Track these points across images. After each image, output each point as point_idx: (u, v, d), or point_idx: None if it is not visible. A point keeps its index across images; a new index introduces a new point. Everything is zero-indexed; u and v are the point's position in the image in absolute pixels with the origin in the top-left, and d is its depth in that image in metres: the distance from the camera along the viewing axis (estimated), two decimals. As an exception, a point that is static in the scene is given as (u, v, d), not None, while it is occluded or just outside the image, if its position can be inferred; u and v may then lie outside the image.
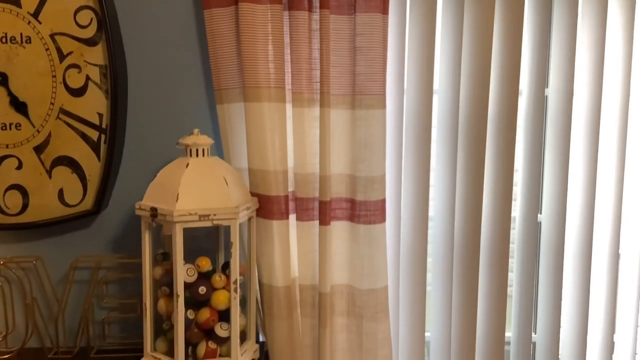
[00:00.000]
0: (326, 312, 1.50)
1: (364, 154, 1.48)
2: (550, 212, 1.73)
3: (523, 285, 1.76)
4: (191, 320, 1.39)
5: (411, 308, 1.66)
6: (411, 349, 1.68)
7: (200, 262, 1.40)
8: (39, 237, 1.57)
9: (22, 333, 1.54)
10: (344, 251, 1.55)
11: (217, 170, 1.38)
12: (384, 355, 1.55)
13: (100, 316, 1.58)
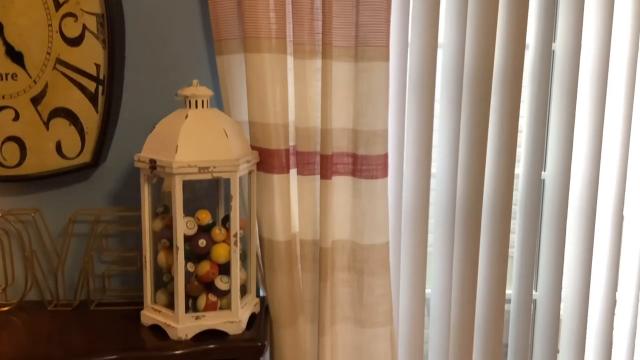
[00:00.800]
0: (327, 267, 1.50)
1: (366, 107, 1.46)
2: (554, 170, 1.71)
3: (525, 243, 1.75)
4: (191, 273, 1.39)
5: (412, 264, 1.65)
6: (411, 305, 1.68)
7: (200, 215, 1.39)
8: (38, 190, 1.55)
9: (22, 286, 1.54)
10: (345, 206, 1.53)
11: (216, 122, 1.36)
12: (384, 310, 1.55)
13: (100, 269, 1.57)
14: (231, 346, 1.37)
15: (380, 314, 1.55)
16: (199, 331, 1.37)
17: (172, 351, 1.33)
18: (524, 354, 1.84)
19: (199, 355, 1.35)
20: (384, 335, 1.57)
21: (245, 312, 1.43)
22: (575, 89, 1.64)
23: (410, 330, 1.69)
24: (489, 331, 1.77)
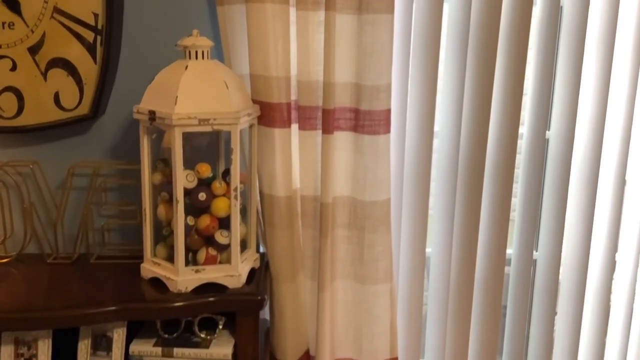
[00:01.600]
0: (327, 223, 1.49)
1: (369, 61, 1.43)
2: (558, 130, 1.69)
3: (527, 203, 1.74)
4: (191, 226, 1.38)
5: (413, 222, 1.64)
6: (411, 264, 1.68)
7: (200, 168, 1.37)
8: (36, 142, 1.54)
9: (21, 238, 1.54)
10: (346, 162, 1.52)
11: (217, 73, 1.33)
12: (384, 267, 1.55)
13: (100, 223, 1.57)
14: (231, 299, 1.36)
15: (380, 270, 1.54)
16: (199, 284, 1.37)
17: (172, 303, 1.32)
18: (523, 316, 1.84)
19: (198, 308, 1.35)
20: (384, 292, 1.57)
21: (245, 266, 1.43)
22: (583, 48, 1.61)
23: (410, 288, 1.69)
24: (488, 293, 1.78)
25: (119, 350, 1.33)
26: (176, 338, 1.40)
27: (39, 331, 1.30)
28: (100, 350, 1.34)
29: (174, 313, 1.34)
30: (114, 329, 1.33)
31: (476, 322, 1.83)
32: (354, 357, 1.61)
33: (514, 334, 1.85)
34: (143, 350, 1.37)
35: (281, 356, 1.57)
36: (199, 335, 1.41)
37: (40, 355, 1.30)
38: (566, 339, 1.85)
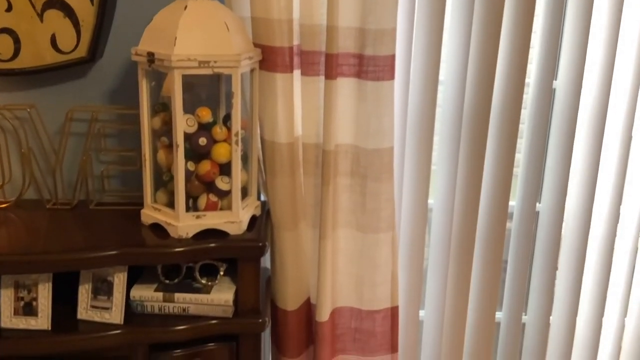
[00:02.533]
0: (329, 171, 1.47)
1: (374, 4, 1.39)
2: (566, 79, 1.66)
3: (532, 154, 1.72)
4: (191, 172, 1.36)
5: (416, 171, 1.62)
6: (414, 214, 1.67)
7: (201, 112, 1.35)
8: (33, 85, 1.51)
9: (19, 184, 1.52)
10: (350, 109, 1.49)
11: (217, 14, 1.29)
12: (386, 216, 1.54)
13: (99, 170, 1.55)
14: (231, 246, 1.36)
15: (382, 219, 1.53)
16: (200, 230, 1.36)
17: (173, 248, 1.32)
18: (524, 270, 1.84)
19: (199, 254, 1.34)
20: (385, 241, 1.56)
21: (246, 213, 1.41)
22: None
23: (412, 238, 1.68)
24: (490, 246, 1.77)
25: (120, 295, 1.33)
26: (177, 284, 1.40)
27: (39, 275, 1.29)
28: (101, 295, 1.34)
29: (174, 258, 1.33)
30: (115, 273, 1.32)
31: (477, 275, 1.82)
32: (355, 305, 1.61)
33: (514, 288, 1.85)
34: (144, 295, 1.37)
35: (282, 304, 1.57)
36: (200, 282, 1.40)
37: (41, 298, 1.30)
38: (567, 294, 1.85)
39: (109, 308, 1.34)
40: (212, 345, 1.39)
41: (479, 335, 1.86)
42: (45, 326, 1.30)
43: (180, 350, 1.37)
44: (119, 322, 1.33)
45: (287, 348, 1.61)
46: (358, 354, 1.64)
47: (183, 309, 1.38)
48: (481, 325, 1.85)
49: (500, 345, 1.90)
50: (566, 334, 1.85)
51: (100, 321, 1.34)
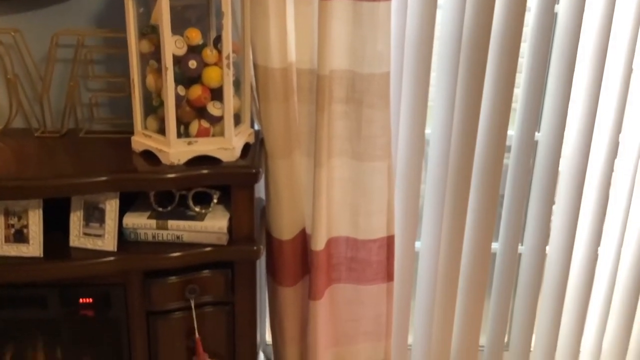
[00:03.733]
0: (324, 97, 1.43)
1: None
2: (568, 3, 1.60)
3: (531, 83, 1.68)
4: (182, 97, 1.32)
5: (413, 99, 1.59)
6: (410, 142, 1.64)
7: (190, 34, 1.30)
8: (16, 10, 1.45)
9: (6, 111, 1.48)
10: (344, 33, 1.43)
11: None
12: (382, 144, 1.51)
13: (87, 97, 1.51)
14: (225, 172, 1.33)
15: (378, 147, 1.50)
16: (192, 156, 1.33)
17: (165, 175, 1.29)
18: (520, 204, 1.82)
19: (192, 181, 1.32)
20: (381, 169, 1.53)
21: (239, 140, 1.38)
22: None
23: (408, 167, 1.66)
24: (487, 176, 1.75)
25: (112, 222, 1.31)
26: (170, 211, 1.38)
27: (29, 201, 1.27)
28: (93, 222, 1.32)
29: (167, 185, 1.31)
30: (106, 200, 1.30)
31: (473, 206, 1.81)
32: (351, 235, 1.60)
33: (511, 219, 1.84)
34: (137, 222, 1.35)
35: (277, 234, 1.56)
36: (194, 209, 1.38)
37: (32, 225, 1.28)
38: (564, 226, 1.84)
39: (101, 235, 1.32)
40: (207, 272, 1.39)
41: (475, 266, 1.86)
42: (37, 253, 1.29)
43: (175, 277, 1.37)
44: (112, 249, 1.32)
45: (282, 277, 1.61)
46: (354, 283, 1.64)
47: (177, 236, 1.36)
48: (477, 256, 1.85)
49: (496, 276, 1.91)
50: (562, 265, 1.86)
51: (92, 248, 1.32)
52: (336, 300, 1.64)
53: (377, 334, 1.70)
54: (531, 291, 1.88)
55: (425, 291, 1.86)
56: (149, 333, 1.41)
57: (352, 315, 1.66)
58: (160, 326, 1.40)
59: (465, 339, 1.95)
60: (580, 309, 1.91)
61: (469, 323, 1.92)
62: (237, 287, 1.42)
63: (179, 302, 1.39)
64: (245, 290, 1.43)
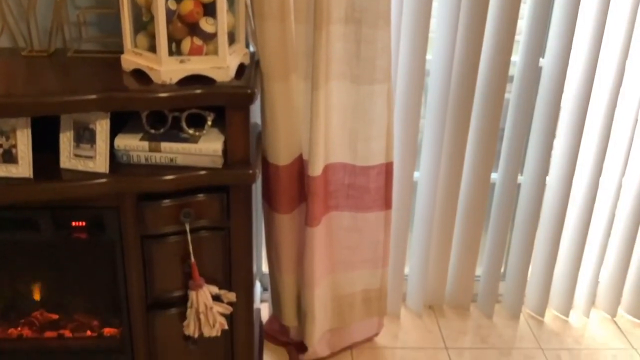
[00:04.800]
0: (322, 16, 1.37)
1: None
2: None
3: (536, 10, 1.62)
4: (173, 12, 1.26)
5: (414, 19, 1.53)
6: (411, 65, 1.59)
7: (180, -57, 1.23)
8: None
9: (-8, 30, 1.42)
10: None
11: None
12: (382, 66, 1.46)
13: (75, 15, 1.44)
14: (219, 92, 1.29)
15: (377, 69, 1.46)
16: (184, 75, 1.28)
17: (156, 94, 1.25)
18: (521, 136, 1.79)
19: (184, 100, 1.28)
20: (381, 93, 1.49)
21: (233, 60, 1.33)
22: None
23: (408, 92, 1.62)
24: (488, 108, 1.71)
25: (104, 143, 1.27)
26: (163, 134, 1.34)
27: (17, 120, 1.23)
28: (84, 143, 1.28)
29: (158, 104, 1.27)
30: (97, 120, 1.26)
31: (473, 138, 1.78)
32: (349, 161, 1.57)
33: (511, 149, 1.81)
34: (129, 144, 1.31)
35: (274, 159, 1.53)
36: (187, 132, 1.34)
37: (20, 145, 1.24)
38: (565, 155, 1.81)
39: (92, 157, 1.29)
40: (202, 196, 1.36)
41: (473, 196, 1.84)
42: (27, 174, 1.26)
43: (169, 200, 1.34)
44: (104, 171, 1.29)
45: (279, 204, 1.58)
46: (351, 210, 1.62)
47: (170, 159, 1.33)
48: (476, 186, 1.83)
49: (494, 206, 1.89)
50: (562, 195, 1.84)
51: (84, 170, 1.29)
52: (333, 227, 1.63)
53: (374, 262, 1.70)
54: (529, 221, 1.87)
55: (423, 221, 1.85)
56: (144, 257, 1.39)
57: (349, 242, 1.65)
58: (155, 250, 1.38)
59: (461, 269, 1.95)
60: (579, 240, 1.90)
61: (466, 253, 1.92)
62: (233, 212, 1.40)
63: (173, 226, 1.36)
64: (241, 216, 1.41)
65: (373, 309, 1.77)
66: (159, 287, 1.42)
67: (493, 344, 1.86)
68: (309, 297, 1.63)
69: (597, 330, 1.95)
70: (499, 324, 1.95)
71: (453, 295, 2.00)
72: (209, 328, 1.44)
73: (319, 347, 1.71)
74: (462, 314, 1.98)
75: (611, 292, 1.99)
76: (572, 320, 1.98)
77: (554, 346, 1.86)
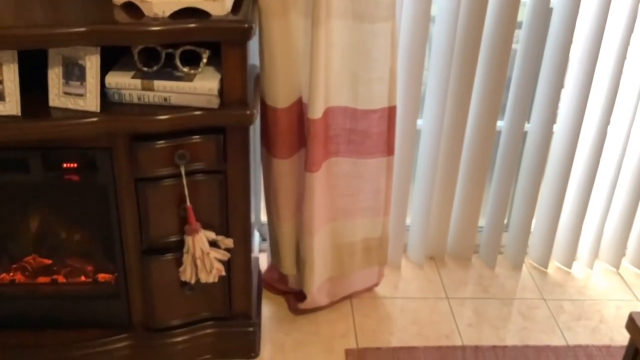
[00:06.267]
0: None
1: None
2: None
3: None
4: (165, -60, 1.19)
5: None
6: (415, 6, 1.52)
7: None
8: None
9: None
10: None
11: None
12: (386, 1, 1.39)
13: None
14: (214, 27, 1.23)
15: (381, 6, 1.39)
16: (178, 8, 1.22)
17: (148, 27, 1.19)
18: (529, 84, 1.72)
19: (178, 35, 1.22)
20: (384, 32, 1.43)
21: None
22: None
23: (413, 34, 1.55)
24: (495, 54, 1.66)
25: (94, 80, 1.21)
26: (157, 72, 1.28)
27: (3, 54, 1.17)
28: (73, 81, 1.23)
29: (150, 38, 1.21)
30: (86, 56, 1.20)
31: (479, 88, 1.72)
32: (350, 105, 1.51)
33: (518, 97, 1.75)
34: (120, 82, 1.26)
35: (272, 101, 1.48)
36: (182, 70, 1.28)
37: (7, 82, 1.18)
38: (572, 104, 1.75)
39: (82, 94, 1.23)
40: (197, 137, 1.31)
41: (478, 144, 1.79)
42: (15, 111, 1.20)
43: (163, 141, 1.29)
44: (95, 109, 1.24)
45: (277, 149, 1.53)
46: (352, 156, 1.57)
47: (164, 98, 1.27)
48: (481, 134, 1.78)
49: (499, 155, 1.84)
50: (569, 143, 1.78)
51: (74, 108, 1.24)
52: (333, 173, 1.58)
53: (375, 210, 1.66)
54: (535, 171, 1.83)
55: (426, 170, 1.80)
56: (139, 201, 1.35)
57: (350, 189, 1.61)
58: (149, 193, 1.34)
59: (464, 220, 1.91)
60: (584, 191, 1.86)
61: (469, 203, 1.88)
62: (230, 155, 1.35)
63: (168, 168, 1.32)
64: (238, 159, 1.36)
65: (373, 258, 1.74)
66: (155, 231, 1.39)
67: (495, 294, 1.84)
68: (308, 245, 1.59)
69: (601, 282, 1.92)
70: (501, 275, 1.92)
71: (455, 246, 1.97)
72: (205, 274, 1.41)
73: (318, 296, 1.68)
74: (464, 265, 1.96)
75: (615, 243, 1.95)
76: (575, 271, 1.95)
77: (556, 297, 1.84)
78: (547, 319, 1.76)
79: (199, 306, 1.50)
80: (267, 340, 1.63)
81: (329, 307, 1.74)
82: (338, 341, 1.64)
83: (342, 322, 1.70)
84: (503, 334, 1.69)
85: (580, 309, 1.80)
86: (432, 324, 1.72)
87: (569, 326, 1.73)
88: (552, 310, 1.79)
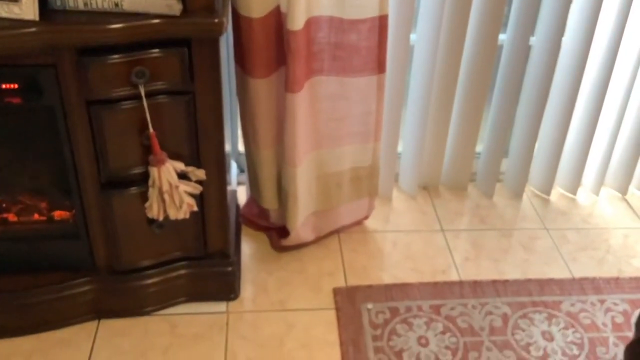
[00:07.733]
0: None
1: None
2: None
3: None
4: None
5: None
6: None
7: None
8: None
9: None
10: None
11: None
12: None
13: None
14: None
15: None
16: None
17: None
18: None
19: None
20: None
21: None
22: None
23: None
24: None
25: (28, -18, 1.02)
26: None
27: None
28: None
29: None
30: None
31: (478, 2, 1.54)
32: (335, 14, 1.33)
33: (522, 10, 1.56)
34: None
35: (245, 10, 1.28)
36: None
37: None
38: (582, 20, 1.57)
39: (17, 0, 1.03)
40: (157, 51, 1.13)
41: (478, 60, 1.62)
42: None
43: (118, 56, 1.11)
44: (33, 17, 1.05)
45: (253, 66, 1.35)
46: (339, 74, 1.39)
47: (115, 3, 1.08)
48: (481, 48, 1.60)
49: (501, 72, 1.67)
50: (578, 58, 1.62)
51: (8, 17, 1.05)
52: (318, 95, 1.40)
53: (365, 136, 1.50)
54: (540, 90, 1.66)
55: (419, 91, 1.64)
56: (93, 127, 1.17)
57: (337, 113, 1.44)
58: (105, 118, 1.17)
59: (460, 145, 1.76)
60: (593, 112, 1.70)
61: (467, 127, 1.73)
62: (197, 72, 1.17)
63: (125, 88, 1.14)
64: (206, 77, 1.19)
65: (363, 189, 1.59)
66: (114, 162, 1.22)
67: (493, 225, 1.71)
68: (290, 175, 1.43)
69: (607, 208, 1.80)
70: (500, 204, 1.79)
71: (450, 174, 1.82)
72: (175, 210, 1.25)
73: (303, 232, 1.54)
74: (460, 195, 1.82)
75: (622, 168, 1.82)
76: (579, 198, 1.83)
77: (560, 226, 1.72)
78: (550, 250, 1.64)
79: (170, 245, 1.36)
80: (247, 281, 1.50)
81: (314, 243, 1.61)
82: (325, 279, 1.52)
83: (329, 259, 1.58)
84: (503, 267, 1.58)
85: (585, 239, 1.68)
86: (426, 259, 1.59)
87: (574, 257, 1.62)
88: (555, 240, 1.67)
